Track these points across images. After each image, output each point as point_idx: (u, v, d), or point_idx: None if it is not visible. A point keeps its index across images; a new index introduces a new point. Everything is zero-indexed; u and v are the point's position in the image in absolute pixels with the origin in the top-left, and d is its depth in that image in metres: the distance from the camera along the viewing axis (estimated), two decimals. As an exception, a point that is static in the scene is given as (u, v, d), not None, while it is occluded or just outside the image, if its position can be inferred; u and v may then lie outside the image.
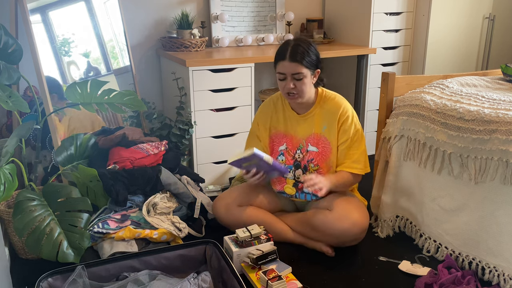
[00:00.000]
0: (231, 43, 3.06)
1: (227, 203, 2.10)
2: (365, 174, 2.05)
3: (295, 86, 1.90)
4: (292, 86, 1.90)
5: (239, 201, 2.10)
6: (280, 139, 2.10)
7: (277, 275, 1.72)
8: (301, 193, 2.08)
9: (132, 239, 1.95)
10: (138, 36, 2.88)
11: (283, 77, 1.91)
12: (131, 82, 2.74)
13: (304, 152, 2.05)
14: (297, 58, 1.87)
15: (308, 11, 3.38)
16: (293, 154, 2.07)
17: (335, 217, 1.92)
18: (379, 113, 2.29)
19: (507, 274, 1.74)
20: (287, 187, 2.10)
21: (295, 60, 1.87)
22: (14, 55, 2.04)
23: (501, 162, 1.71)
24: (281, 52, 1.91)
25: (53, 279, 1.59)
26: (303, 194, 2.08)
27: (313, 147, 2.03)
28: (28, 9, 2.15)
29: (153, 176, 2.13)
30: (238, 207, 2.09)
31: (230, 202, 2.10)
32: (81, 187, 2.07)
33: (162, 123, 2.64)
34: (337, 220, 1.92)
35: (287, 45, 1.91)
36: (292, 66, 1.87)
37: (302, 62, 1.87)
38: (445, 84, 2.16)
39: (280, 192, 2.13)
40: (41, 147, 2.26)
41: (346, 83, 3.27)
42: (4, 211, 1.91)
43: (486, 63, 3.45)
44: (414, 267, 1.92)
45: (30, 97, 2.39)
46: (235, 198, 2.11)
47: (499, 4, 3.37)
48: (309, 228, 2.02)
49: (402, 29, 3.16)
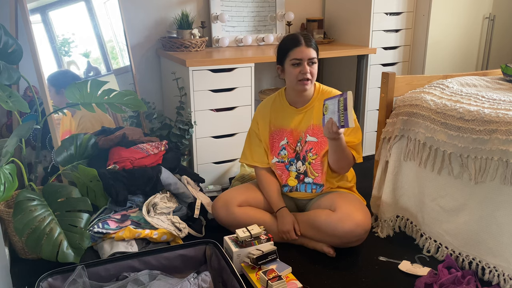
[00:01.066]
0: (231, 43, 3.06)
1: (227, 203, 2.10)
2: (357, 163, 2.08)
3: (310, 70, 1.98)
4: (309, 70, 1.98)
5: (239, 202, 2.10)
6: (281, 134, 2.12)
7: (277, 275, 1.72)
8: (301, 184, 2.11)
9: (132, 239, 1.95)
10: (138, 36, 2.88)
11: (298, 63, 1.97)
12: (131, 82, 2.74)
13: (303, 143, 2.08)
14: (311, 43, 2.00)
15: (308, 11, 3.38)
16: (294, 147, 2.10)
17: (339, 218, 1.92)
18: (379, 113, 2.29)
19: (507, 274, 1.74)
20: (290, 179, 2.12)
21: (310, 45, 1.98)
22: (14, 55, 2.04)
23: (501, 162, 1.71)
24: (294, 40, 1.99)
25: (53, 279, 1.59)
26: (303, 185, 2.11)
27: (311, 137, 2.07)
28: (28, 9, 2.15)
29: (153, 176, 2.13)
30: (238, 208, 2.09)
31: (230, 203, 2.10)
32: (81, 187, 2.07)
33: (162, 123, 2.64)
34: (340, 221, 1.92)
35: (296, 35, 2.02)
36: (308, 51, 1.97)
37: (315, 47, 2.01)
38: (445, 84, 2.16)
39: (284, 185, 2.15)
40: (41, 147, 2.26)
41: (346, 83, 3.26)
42: (4, 211, 1.91)
43: (486, 63, 3.45)
44: (414, 267, 1.92)
45: (30, 97, 2.40)
46: (234, 199, 2.11)
47: (499, 4, 3.36)
48: (311, 228, 2.02)
49: (402, 29, 3.16)
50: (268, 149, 2.15)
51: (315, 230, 2.00)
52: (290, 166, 2.12)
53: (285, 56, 2.00)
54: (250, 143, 2.22)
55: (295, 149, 2.10)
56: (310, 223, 2.02)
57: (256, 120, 2.18)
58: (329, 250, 2.00)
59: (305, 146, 2.08)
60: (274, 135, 2.13)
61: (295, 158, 2.11)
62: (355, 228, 1.91)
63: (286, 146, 2.11)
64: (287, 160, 2.11)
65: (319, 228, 1.98)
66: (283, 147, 2.11)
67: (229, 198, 2.12)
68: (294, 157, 2.11)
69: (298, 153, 2.10)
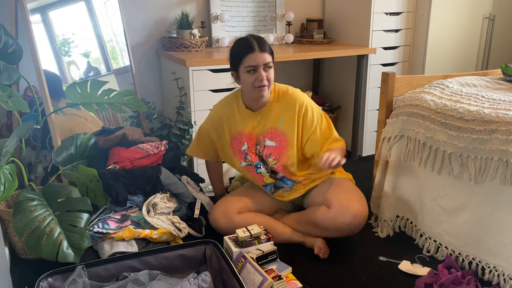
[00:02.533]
0: (231, 43, 3.05)
1: (226, 212, 2.07)
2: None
3: (266, 76, 1.92)
4: (265, 76, 1.91)
5: (237, 208, 2.08)
6: (240, 139, 2.09)
7: (277, 275, 1.72)
8: (279, 180, 2.10)
9: (132, 239, 1.94)
10: (138, 36, 2.88)
11: (253, 69, 1.90)
12: (131, 82, 2.74)
13: (261, 146, 2.06)
14: (266, 48, 1.91)
15: (308, 11, 3.38)
16: (255, 150, 2.08)
17: (336, 212, 1.93)
18: (379, 113, 2.29)
19: (507, 274, 1.74)
20: (265, 178, 2.11)
21: (265, 50, 1.90)
22: (14, 55, 2.03)
23: (501, 162, 1.71)
24: (247, 45, 1.90)
25: (53, 279, 1.59)
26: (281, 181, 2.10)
27: (270, 141, 2.04)
28: (28, 9, 2.15)
29: (153, 176, 2.13)
30: (237, 215, 2.06)
31: (228, 211, 2.07)
32: (81, 187, 2.07)
33: (162, 123, 2.64)
34: (338, 216, 1.92)
35: (248, 39, 1.93)
36: (263, 56, 1.89)
37: (269, 51, 1.93)
38: (445, 84, 2.16)
39: (264, 185, 2.14)
40: (41, 147, 2.26)
41: (346, 83, 3.26)
42: (4, 211, 1.91)
43: (486, 63, 3.45)
44: (414, 267, 1.92)
45: (30, 97, 2.39)
46: (233, 206, 2.08)
47: (499, 4, 3.36)
48: (310, 225, 2.03)
49: (402, 29, 3.16)
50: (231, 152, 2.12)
51: (314, 226, 2.01)
52: (258, 169, 2.10)
53: (239, 63, 1.92)
54: (199, 142, 2.20)
55: (256, 152, 2.08)
56: (309, 221, 2.03)
57: (212, 125, 2.13)
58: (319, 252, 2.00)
59: (264, 150, 2.05)
60: (234, 140, 2.11)
61: (260, 161, 2.08)
62: (352, 220, 1.92)
63: (247, 151, 2.08)
64: (254, 164, 2.09)
65: (317, 225, 1.99)
66: (245, 152, 2.09)
67: (228, 206, 2.09)
68: (258, 161, 2.08)
69: (261, 155, 2.07)
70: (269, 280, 1.64)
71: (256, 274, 1.68)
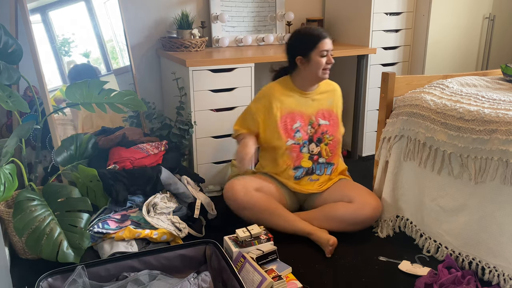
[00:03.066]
0: (231, 43, 3.06)
1: (245, 186, 2.15)
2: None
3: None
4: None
5: (255, 187, 2.16)
6: (293, 117, 2.22)
7: (277, 275, 1.72)
8: (317, 164, 2.24)
9: (132, 239, 1.95)
10: (138, 36, 2.88)
11: (326, 53, 2.15)
12: (131, 82, 2.75)
13: (315, 126, 2.24)
14: (330, 36, 2.19)
15: (308, 11, 3.38)
16: (306, 130, 2.23)
17: (357, 206, 2.11)
18: (379, 113, 2.29)
19: (507, 274, 1.74)
20: (303, 161, 2.22)
21: (330, 37, 2.18)
22: (14, 55, 2.04)
23: (501, 162, 1.71)
24: (319, 33, 2.16)
25: (53, 279, 1.59)
26: (318, 166, 2.25)
27: (324, 120, 2.26)
28: (28, 9, 2.15)
29: (153, 176, 2.13)
30: (256, 192, 2.15)
31: (248, 186, 2.15)
32: (81, 187, 2.07)
33: (162, 123, 2.64)
34: (360, 209, 2.11)
35: (318, 28, 2.21)
36: (331, 43, 2.18)
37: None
38: (445, 84, 2.16)
39: (297, 167, 2.21)
40: (41, 147, 2.26)
41: (346, 83, 3.26)
42: (4, 211, 1.91)
43: (486, 63, 3.45)
44: (414, 267, 1.92)
45: (30, 97, 2.39)
46: (252, 183, 2.17)
47: (499, 4, 3.36)
48: (328, 220, 2.14)
49: (402, 29, 3.16)
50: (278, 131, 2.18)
51: (332, 221, 2.12)
52: (303, 148, 2.22)
53: (313, 47, 2.13)
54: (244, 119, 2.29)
55: (307, 131, 2.23)
56: (327, 216, 2.14)
57: (263, 104, 2.22)
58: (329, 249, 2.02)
59: (319, 129, 2.24)
60: (286, 118, 2.20)
61: (308, 141, 2.22)
62: (372, 213, 2.13)
63: (300, 129, 2.21)
64: (302, 142, 2.21)
65: (338, 219, 2.12)
66: (297, 129, 2.20)
67: (247, 182, 2.18)
68: (307, 140, 2.22)
69: (311, 135, 2.22)
70: (268, 279, 1.64)
71: (255, 274, 1.68)
